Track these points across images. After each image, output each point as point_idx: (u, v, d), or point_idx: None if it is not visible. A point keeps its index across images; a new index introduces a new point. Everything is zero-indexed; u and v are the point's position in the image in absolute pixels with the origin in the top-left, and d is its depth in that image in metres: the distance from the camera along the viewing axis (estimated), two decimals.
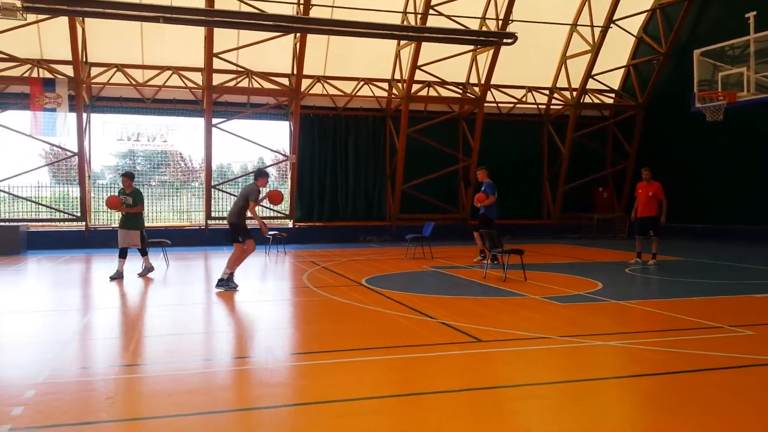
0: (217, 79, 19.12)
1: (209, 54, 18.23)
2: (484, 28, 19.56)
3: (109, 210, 15.16)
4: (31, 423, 4.12)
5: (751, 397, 4.59)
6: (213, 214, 20.17)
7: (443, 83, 21.16)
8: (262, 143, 20.70)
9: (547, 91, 22.74)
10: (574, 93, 22.06)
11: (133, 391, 4.91)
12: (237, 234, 9.99)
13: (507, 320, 7.51)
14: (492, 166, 14.48)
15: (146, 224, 13.57)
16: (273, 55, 19.49)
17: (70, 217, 19.35)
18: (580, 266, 13.34)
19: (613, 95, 23.34)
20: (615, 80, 23.17)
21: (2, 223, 17.80)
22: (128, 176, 12.07)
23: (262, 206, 18.60)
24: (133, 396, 4.76)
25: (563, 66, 21.90)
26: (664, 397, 4.73)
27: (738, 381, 4.99)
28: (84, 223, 19.07)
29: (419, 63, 19.78)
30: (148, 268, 12.06)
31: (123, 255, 11.66)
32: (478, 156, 21.11)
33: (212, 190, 19.99)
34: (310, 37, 18.51)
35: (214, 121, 19.50)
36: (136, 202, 11.84)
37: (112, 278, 11.36)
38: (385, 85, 21.27)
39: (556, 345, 6.20)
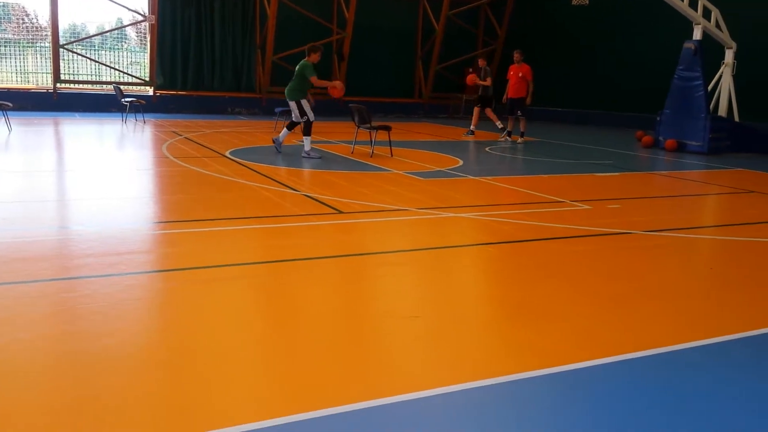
0: None
1: None
2: None
3: None
4: None
5: (582, 261, 5.06)
6: (63, 77, 18.47)
7: None
8: (116, 1, 18.86)
9: None
10: None
11: None
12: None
13: (369, 193, 7.65)
14: (368, 42, 14.18)
15: None
16: None
17: None
18: (445, 144, 13.72)
19: None
20: None
21: None
22: None
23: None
24: None
25: None
26: (507, 262, 5.10)
27: (572, 249, 5.46)
28: None
29: None
30: None
31: None
32: (353, 29, 20.52)
33: (62, 50, 18.17)
34: None
35: None
36: None
37: None
38: None
39: (412, 216, 6.43)
